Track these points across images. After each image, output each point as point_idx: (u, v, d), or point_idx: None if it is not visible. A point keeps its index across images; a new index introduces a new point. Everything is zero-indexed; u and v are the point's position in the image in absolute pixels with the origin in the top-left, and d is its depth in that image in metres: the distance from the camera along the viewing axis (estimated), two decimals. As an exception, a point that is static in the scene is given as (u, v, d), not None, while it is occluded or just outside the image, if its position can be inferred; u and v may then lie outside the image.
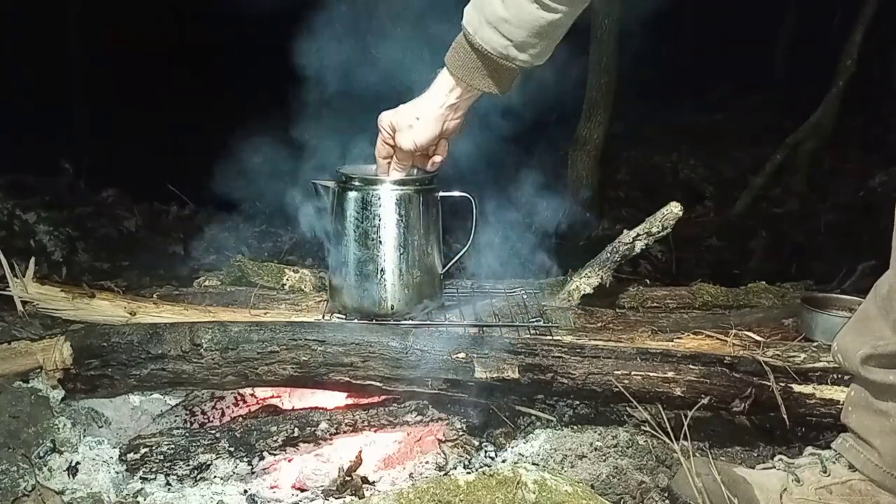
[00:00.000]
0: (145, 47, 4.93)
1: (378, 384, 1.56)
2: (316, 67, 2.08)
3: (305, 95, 2.08)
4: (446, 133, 1.60)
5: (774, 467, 1.42)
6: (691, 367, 1.57)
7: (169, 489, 1.45)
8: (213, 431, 1.56)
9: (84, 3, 4.92)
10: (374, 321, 1.73)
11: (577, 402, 1.67)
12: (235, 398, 1.80)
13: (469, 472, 1.30)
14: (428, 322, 1.76)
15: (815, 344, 1.75)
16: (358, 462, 1.45)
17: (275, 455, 1.54)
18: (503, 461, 1.53)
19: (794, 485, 1.36)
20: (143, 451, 1.49)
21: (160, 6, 4.79)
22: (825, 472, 1.37)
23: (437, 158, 1.67)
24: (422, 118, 1.56)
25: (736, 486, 1.35)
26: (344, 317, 1.79)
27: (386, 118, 1.60)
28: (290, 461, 1.55)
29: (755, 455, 1.63)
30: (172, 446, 1.50)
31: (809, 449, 1.45)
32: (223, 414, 1.76)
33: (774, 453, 1.56)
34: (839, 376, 1.57)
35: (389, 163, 1.67)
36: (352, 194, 1.73)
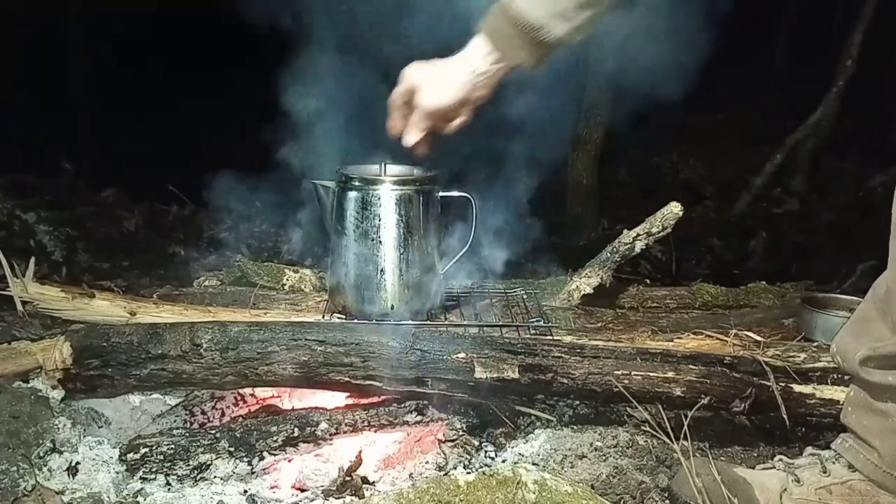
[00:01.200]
0: (146, 47, 4.93)
1: (378, 384, 1.56)
2: (316, 69, 2.08)
3: (305, 96, 2.08)
4: (472, 100, 1.53)
5: (774, 467, 1.42)
6: (691, 367, 1.57)
7: (169, 489, 1.45)
8: (213, 431, 1.56)
9: (84, 3, 4.92)
10: (374, 321, 1.73)
11: (577, 402, 1.67)
12: (235, 398, 1.80)
13: (469, 472, 1.30)
14: (428, 322, 1.77)
15: (815, 344, 1.76)
16: (358, 462, 1.45)
17: (275, 455, 1.54)
18: (503, 461, 1.53)
19: (794, 485, 1.36)
20: (143, 451, 1.48)
21: (161, 6, 4.78)
22: (825, 472, 1.37)
23: (458, 122, 1.53)
24: (450, 80, 1.47)
25: (736, 486, 1.35)
26: (344, 317, 1.79)
27: (411, 73, 1.49)
28: (290, 461, 1.55)
29: (755, 455, 1.63)
30: (172, 446, 1.50)
31: (809, 449, 1.45)
32: (223, 414, 1.76)
33: (774, 453, 1.56)
34: (839, 376, 1.57)
35: (400, 117, 1.53)
36: (352, 194, 1.73)
